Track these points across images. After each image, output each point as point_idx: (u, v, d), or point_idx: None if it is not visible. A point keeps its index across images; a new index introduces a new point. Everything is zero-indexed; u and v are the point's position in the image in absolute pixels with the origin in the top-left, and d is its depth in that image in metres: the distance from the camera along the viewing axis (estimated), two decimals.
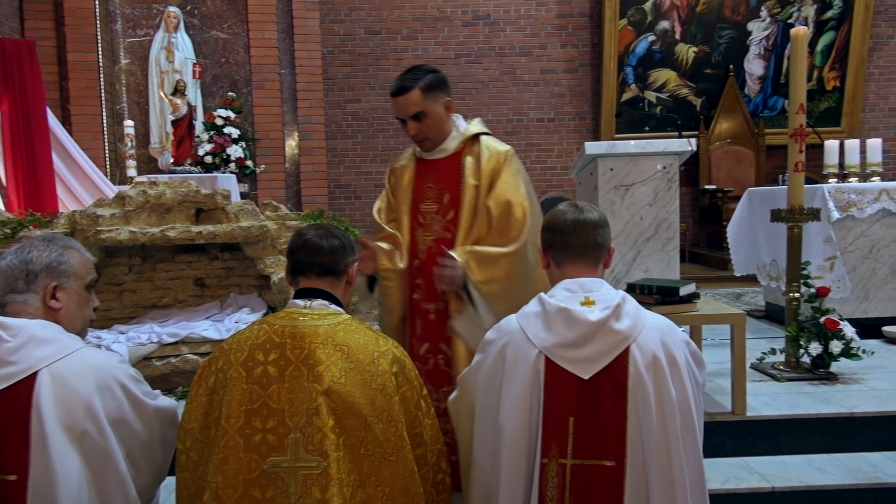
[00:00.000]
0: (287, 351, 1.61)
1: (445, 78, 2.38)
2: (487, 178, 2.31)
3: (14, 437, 1.55)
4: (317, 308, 1.71)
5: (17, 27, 6.58)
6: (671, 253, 4.15)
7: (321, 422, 1.55)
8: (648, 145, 4.13)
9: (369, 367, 1.62)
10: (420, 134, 2.33)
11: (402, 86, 2.29)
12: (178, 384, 3.58)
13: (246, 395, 1.59)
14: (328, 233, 1.83)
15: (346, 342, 1.64)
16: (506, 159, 2.35)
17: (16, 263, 1.68)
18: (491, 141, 2.42)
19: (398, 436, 1.61)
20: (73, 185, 5.39)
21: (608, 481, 1.57)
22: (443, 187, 2.36)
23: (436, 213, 2.36)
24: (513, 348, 1.68)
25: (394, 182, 2.49)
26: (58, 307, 1.71)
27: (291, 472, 1.54)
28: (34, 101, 4.74)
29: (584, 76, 8.54)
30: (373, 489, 1.58)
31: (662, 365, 1.60)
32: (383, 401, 1.61)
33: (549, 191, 8.55)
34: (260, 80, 7.15)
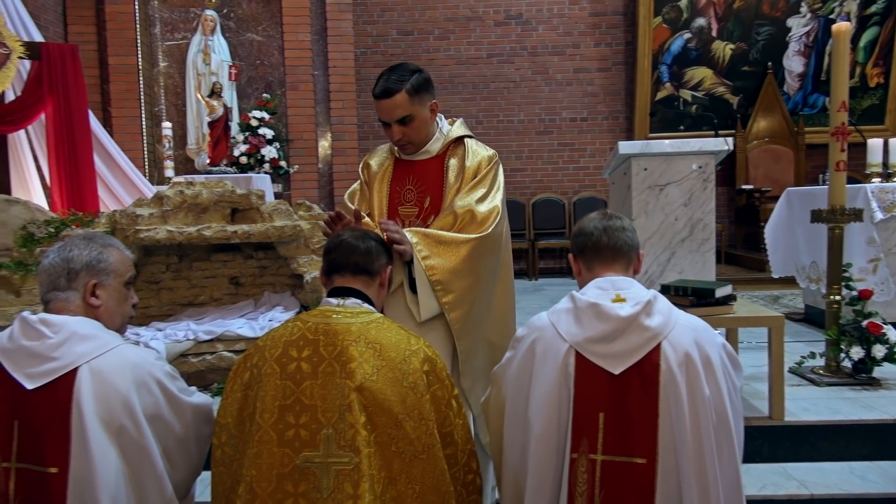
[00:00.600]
0: (320, 348, 1.63)
1: (430, 78, 2.28)
2: (469, 179, 2.22)
3: (55, 431, 1.59)
4: (350, 306, 1.73)
5: (60, 32, 6.78)
6: (707, 254, 4.08)
7: (353, 418, 1.56)
8: (683, 144, 4.06)
9: (401, 365, 1.63)
10: (405, 138, 2.23)
11: (387, 88, 2.16)
12: (213, 381, 3.64)
13: (280, 390, 1.61)
14: (364, 234, 1.87)
15: (378, 340, 1.65)
16: (488, 163, 2.26)
17: (57, 262, 1.73)
18: (476, 145, 2.32)
19: (429, 434, 1.62)
20: (113, 186, 5.54)
21: (639, 479, 1.56)
22: (424, 190, 2.26)
23: (416, 218, 2.25)
24: (542, 343, 1.68)
25: (368, 180, 2.36)
26: (97, 304, 1.75)
27: (324, 467, 1.55)
28: (77, 103, 4.87)
29: (617, 75, 8.45)
30: (403, 486, 1.59)
31: (696, 363, 1.58)
32: (414, 399, 1.62)
33: (582, 191, 8.48)
34: (294, 81, 7.24)
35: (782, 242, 4.92)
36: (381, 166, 2.34)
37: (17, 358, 1.64)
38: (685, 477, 1.54)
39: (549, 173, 8.55)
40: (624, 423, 1.58)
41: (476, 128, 8.48)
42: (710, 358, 1.60)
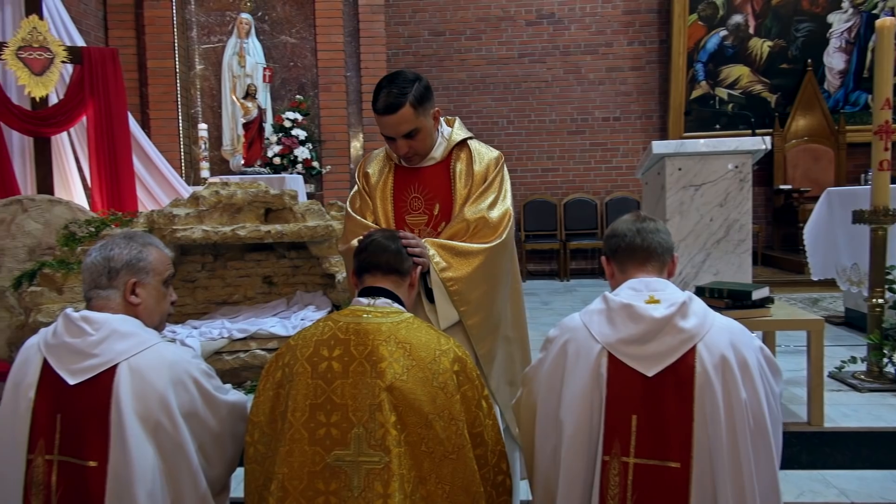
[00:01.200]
0: (351, 347, 1.64)
1: (429, 84, 2.17)
2: (478, 185, 2.17)
3: (95, 426, 1.63)
4: (380, 306, 1.74)
5: (101, 37, 6.96)
6: (743, 255, 4.00)
7: (383, 418, 1.57)
8: (719, 144, 3.99)
9: (431, 364, 1.63)
10: (411, 151, 2.14)
11: (390, 104, 2.04)
12: (246, 378, 3.70)
13: (311, 389, 1.62)
14: (394, 235, 1.89)
15: (409, 340, 1.66)
16: (497, 165, 2.22)
17: (99, 260, 1.77)
18: (481, 146, 2.28)
19: (458, 434, 1.62)
20: (151, 186, 5.66)
21: (673, 483, 1.53)
22: (432, 198, 2.19)
23: (426, 226, 2.18)
24: (574, 345, 1.67)
25: (369, 189, 2.28)
26: (137, 302, 1.79)
27: (354, 465, 1.56)
28: (117, 106, 4.99)
29: (651, 74, 8.34)
30: (433, 486, 1.59)
31: (732, 366, 1.55)
32: (444, 399, 1.62)
33: (615, 191, 8.39)
34: (326, 82, 7.31)
35: (822, 244, 4.80)
36: (380, 174, 2.26)
37: (60, 354, 1.68)
38: (720, 482, 1.51)
39: (581, 173, 8.48)
40: (657, 426, 1.56)
41: (507, 128, 8.46)
42: (748, 361, 1.57)
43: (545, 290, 7.40)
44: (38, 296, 3.71)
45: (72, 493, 1.63)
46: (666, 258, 1.77)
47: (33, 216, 4.14)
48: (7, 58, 4.61)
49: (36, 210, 4.15)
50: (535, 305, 6.26)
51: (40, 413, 1.66)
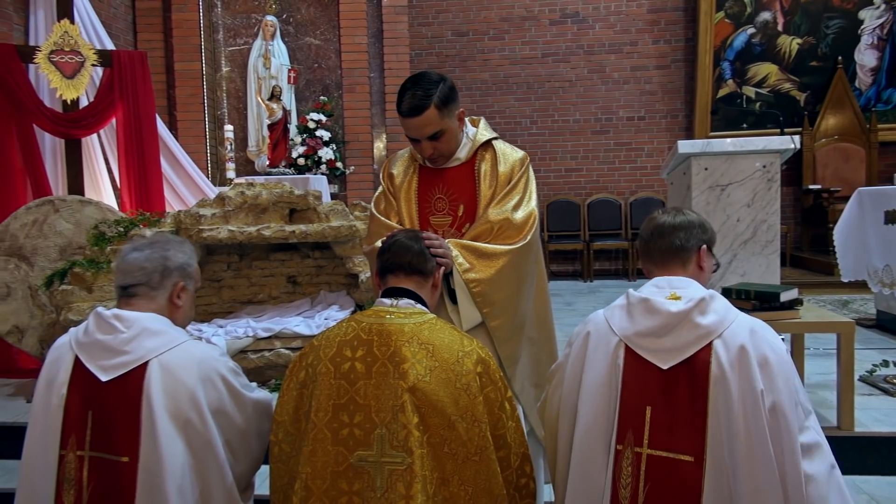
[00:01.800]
0: (374, 348, 1.64)
1: (454, 85, 2.14)
2: (503, 185, 2.16)
3: (126, 422, 1.66)
4: (403, 307, 1.74)
5: (130, 40, 7.08)
6: (771, 256, 3.94)
7: (406, 419, 1.57)
8: (747, 143, 3.94)
9: (454, 366, 1.63)
10: (436, 153, 2.13)
11: (416, 105, 2.02)
12: (271, 377, 3.73)
13: (334, 389, 1.63)
14: (417, 235, 1.89)
15: (432, 341, 1.65)
16: (522, 166, 2.20)
17: (156, 258, 1.82)
18: (506, 147, 2.26)
19: (481, 436, 1.61)
20: (178, 187, 5.74)
21: (686, 477, 1.53)
22: (456, 199, 2.17)
23: (450, 227, 2.17)
24: (595, 337, 1.70)
25: (393, 190, 2.27)
26: (180, 305, 1.85)
27: (377, 466, 1.57)
28: (145, 108, 5.07)
29: (677, 72, 8.25)
30: (455, 488, 1.59)
31: (751, 364, 1.53)
32: (467, 400, 1.61)
33: (639, 191, 8.32)
34: (350, 83, 7.35)
35: (853, 245, 4.70)
36: (405, 175, 2.25)
37: (92, 351, 1.72)
38: (737, 478, 1.50)
39: (605, 173, 8.42)
40: (671, 419, 1.56)
41: (530, 128, 8.43)
42: (768, 357, 1.55)
43: (569, 290, 7.36)
44: (69, 294, 3.79)
45: (103, 488, 1.66)
46: (686, 256, 1.75)
47: (64, 216, 4.22)
48: (40, 61, 4.71)
49: (67, 210, 4.24)
50: (558, 306, 6.21)
51: (72, 409, 1.69)
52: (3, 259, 4.10)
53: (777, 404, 1.52)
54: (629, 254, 8.01)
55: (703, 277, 1.77)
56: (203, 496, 1.72)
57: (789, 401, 1.53)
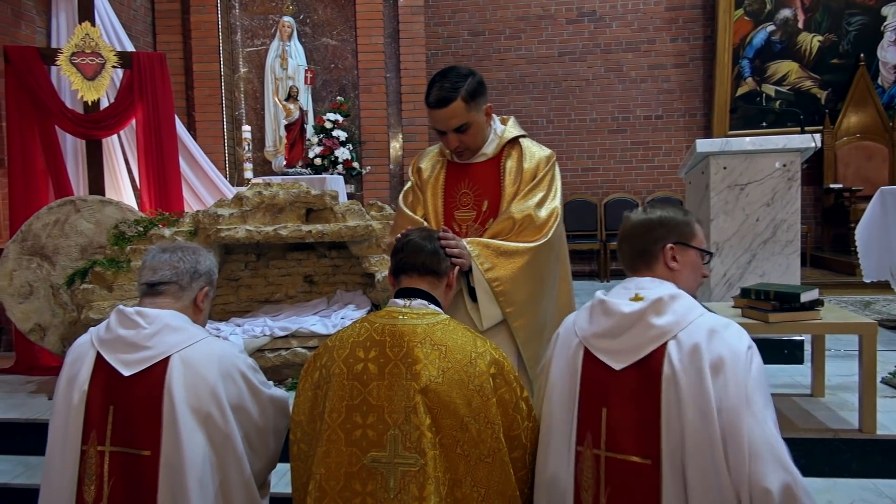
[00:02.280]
0: (387, 349, 1.64)
1: (483, 79, 2.16)
2: (527, 182, 2.16)
3: (148, 416, 1.69)
4: (416, 307, 1.73)
5: (150, 42, 7.16)
6: (791, 256, 3.89)
7: (418, 420, 1.57)
8: (766, 142, 3.90)
9: (466, 367, 1.62)
10: (462, 145, 2.16)
11: (442, 97, 2.06)
12: (287, 376, 3.76)
13: (347, 390, 1.63)
14: (431, 235, 1.88)
15: (444, 342, 1.65)
16: (547, 164, 2.20)
17: (188, 259, 1.90)
18: (532, 145, 2.26)
19: (494, 437, 1.61)
20: (196, 187, 5.79)
21: (644, 479, 1.51)
22: (481, 194, 2.19)
23: (473, 222, 2.18)
24: (562, 338, 1.74)
25: (421, 184, 2.30)
26: (202, 309, 1.92)
27: (390, 467, 1.57)
28: (164, 109, 5.12)
29: (695, 71, 8.17)
30: (468, 489, 1.58)
31: (703, 365, 1.49)
32: (480, 402, 1.61)
33: (656, 190, 8.25)
34: (367, 84, 7.37)
35: (875, 245, 4.63)
36: (432, 170, 2.28)
37: (114, 346, 1.75)
38: (689, 482, 1.48)
39: (622, 173, 8.37)
40: (627, 421, 1.55)
41: (547, 127, 8.40)
42: (723, 358, 1.50)
43: (585, 290, 7.32)
44: (90, 293, 3.84)
45: (125, 482, 1.69)
46: (648, 258, 1.72)
47: (85, 216, 4.28)
48: (61, 63, 4.78)
49: (88, 210, 4.30)
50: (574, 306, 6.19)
51: (93, 405, 1.72)
52: (25, 258, 4.17)
53: (726, 407, 1.47)
54: None
55: (680, 275, 1.71)
56: (223, 489, 1.75)
57: (739, 404, 1.47)
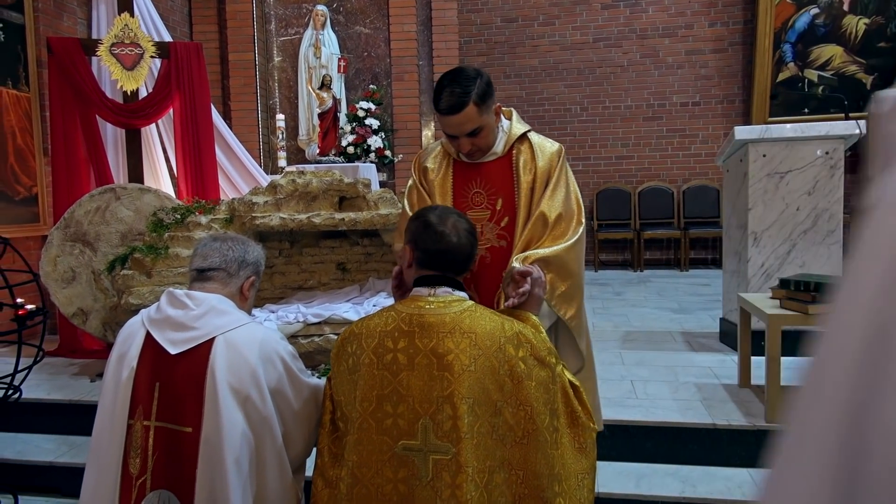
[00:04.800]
0: (416, 339, 1.65)
1: (490, 79, 2.11)
2: (542, 179, 2.13)
3: (192, 394, 1.76)
4: (441, 295, 1.73)
5: (186, 32, 7.26)
6: (832, 247, 3.79)
7: (451, 410, 1.58)
8: (808, 129, 3.79)
9: (496, 353, 1.63)
10: (474, 148, 2.12)
11: (455, 103, 2.00)
12: (320, 362, 3.80)
13: (377, 380, 1.65)
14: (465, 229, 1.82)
15: (473, 329, 1.65)
16: (559, 158, 2.17)
17: (238, 248, 2.00)
18: (540, 139, 2.23)
19: (528, 419, 1.63)
20: (232, 175, 5.88)
21: None
22: (494, 192, 2.16)
23: (488, 221, 2.15)
24: None
25: (426, 184, 2.26)
26: (248, 297, 2.01)
27: (422, 455, 1.58)
28: (201, 98, 5.20)
29: (734, 56, 7.98)
30: (507, 473, 1.61)
31: None
32: (511, 386, 1.62)
33: (692, 179, 8.11)
34: (399, 72, 7.37)
35: None
36: (438, 169, 2.25)
37: (163, 326, 1.84)
38: None
39: (657, 161, 8.23)
40: None
41: (580, 114, 8.31)
42: None
43: (618, 280, 7.25)
44: (130, 279, 3.94)
45: (167, 457, 1.76)
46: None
47: (125, 203, 4.38)
48: (102, 54, 4.88)
49: (127, 198, 4.40)
50: (607, 296, 6.14)
51: (141, 381, 1.80)
52: (68, 244, 4.29)
53: None
54: (681, 243, 7.83)
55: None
56: (258, 469, 1.80)
57: None
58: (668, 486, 2.76)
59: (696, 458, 2.92)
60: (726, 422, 2.94)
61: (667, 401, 3.22)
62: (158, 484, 1.75)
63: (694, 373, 3.64)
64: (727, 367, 3.70)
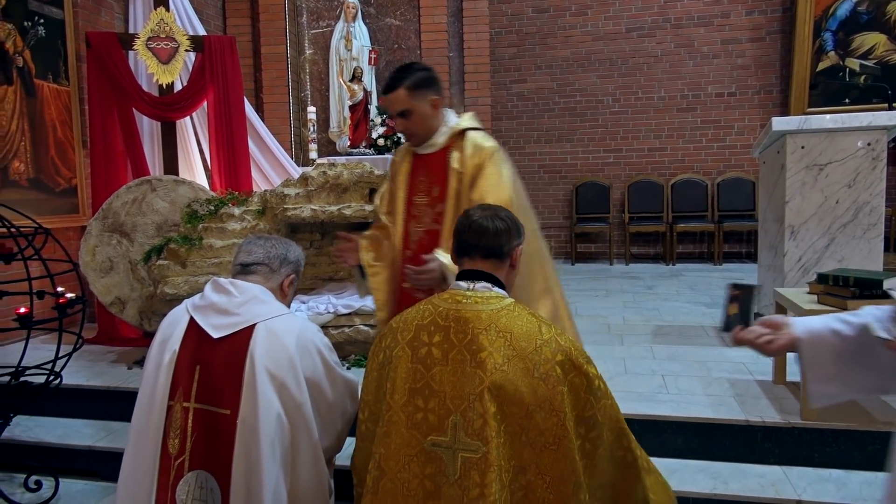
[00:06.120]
0: (451, 334, 1.64)
1: (435, 76, 2.42)
2: (470, 173, 2.33)
3: (231, 378, 1.81)
4: (480, 291, 1.72)
5: (220, 25, 7.35)
6: (873, 241, 3.68)
7: (483, 408, 1.56)
8: (850, 119, 3.68)
9: (532, 355, 1.60)
10: (407, 130, 2.42)
11: (388, 84, 2.37)
12: (350, 352, 3.84)
13: (410, 373, 1.64)
14: (495, 214, 1.83)
15: (510, 328, 1.63)
16: (489, 156, 2.34)
17: (280, 246, 2.11)
18: (478, 136, 2.41)
19: (559, 425, 1.59)
20: (264, 167, 5.95)
21: None
22: (432, 181, 2.41)
23: (426, 206, 2.42)
24: None
25: (393, 173, 2.56)
26: (287, 294, 2.09)
27: (451, 452, 1.57)
28: (234, 91, 5.26)
29: (772, 45, 7.78)
30: (533, 476, 1.58)
31: None
32: (545, 390, 1.59)
33: (727, 171, 7.95)
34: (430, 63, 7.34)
35: None
36: (402, 160, 2.53)
37: (206, 312, 1.90)
38: None
39: (691, 153, 8.09)
40: None
41: (612, 105, 8.20)
42: None
43: (649, 273, 7.16)
44: (165, 269, 4.02)
45: (206, 438, 1.81)
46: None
47: (161, 195, 4.47)
48: (138, 48, 4.97)
49: (163, 189, 4.48)
50: (638, 290, 6.07)
51: (182, 364, 1.85)
52: (106, 235, 4.40)
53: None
54: (715, 237, 7.69)
55: None
56: (292, 453, 1.85)
57: None
58: (700, 482, 2.72)
59: (728, 454, 2.88)
60: (760, 418, 2.89)
61: (699, 396, 3.18)
62: (196, 464, 1.80)
63: (727, 368, 3.58)
64: (761, 363, 3.64)
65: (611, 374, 3.52)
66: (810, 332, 1.50)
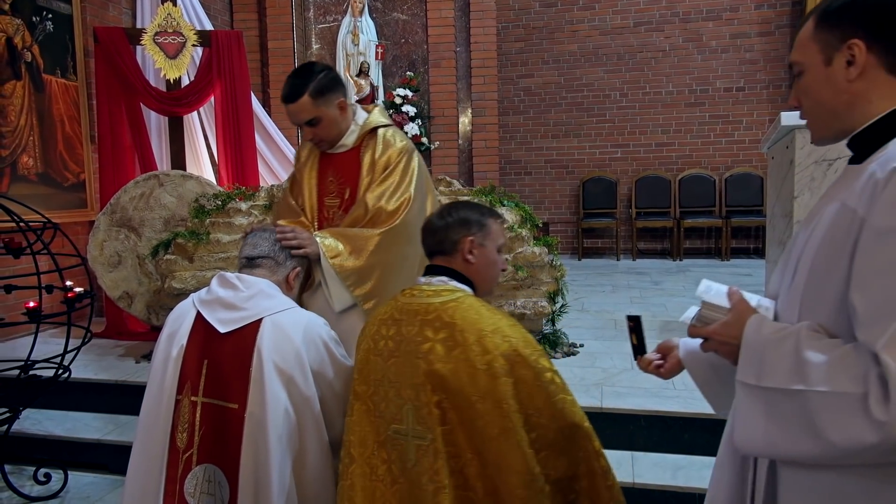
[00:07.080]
0: (402, 327, 1.70)
1: (337, 77, 2.27)
2: (379, 170, 2.27)
3: (238, 372, 1.83)
4: (435, 284, 1.75)
5: (227, 20, 7.35)
6: None
7: (427, 397, 1.62)
8: None
9: (474, 346, 1.61)
10: (316, 137, 2.29)
11: (288, 93, 2.20)
12: None
13: (373, 365, 1.73)
14: (443, 212, 1.84)
15: (454, 320, 1.65)
16: (401, 154, 2.28)
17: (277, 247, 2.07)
18: (387, 134, 2.33)
19: (504, 416, 1.58)
20: (271, 162, 5.96)
21: None
22: (343, 182, 2.33)
23: (338, 209, 2.33)
24: None
25: (299, 168, 2.45)
26: (293, 287, 2.09)
27: (408, 440, 1.65)
28: (241, 87, 5.27)
29: (781, 39, 7.73)
30: (479, 467, 1.60)
31: None
32: (487, 381, 1.59)
33: (735, 166, 7.92)
34: (436, 58, 7.34)
35: None
36: (308, 157, 2.42)
37: (213, 306, 1.90)
38: None
39: (699, 148, 8.05)
40: None
41: (620, 101, 8.17)
42: None
43: (656, 269, 7.14)
44: (173, 263, 4.04)
45: (213, 432, 1.83)
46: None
47: (168, 190, 4.48)
48: (146, 43, 4.98)
49: (170, 184, 4.50)
50: (645, 286, 6.06)
51: (190, 358, 1.87)
52: (114, 229, 4.42)
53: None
54: (722, 232, 7.66)
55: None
56: (300, 446, 1.86)
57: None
58: (706, 477, 2.70)
59: None
60: None
61: None
62: (204, 458, 1.81)
63: None
64: None
65: (617, 370, 3.52)
66: (688, 353, 1.52)
